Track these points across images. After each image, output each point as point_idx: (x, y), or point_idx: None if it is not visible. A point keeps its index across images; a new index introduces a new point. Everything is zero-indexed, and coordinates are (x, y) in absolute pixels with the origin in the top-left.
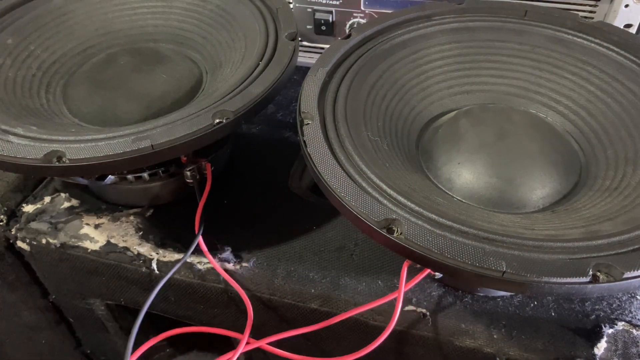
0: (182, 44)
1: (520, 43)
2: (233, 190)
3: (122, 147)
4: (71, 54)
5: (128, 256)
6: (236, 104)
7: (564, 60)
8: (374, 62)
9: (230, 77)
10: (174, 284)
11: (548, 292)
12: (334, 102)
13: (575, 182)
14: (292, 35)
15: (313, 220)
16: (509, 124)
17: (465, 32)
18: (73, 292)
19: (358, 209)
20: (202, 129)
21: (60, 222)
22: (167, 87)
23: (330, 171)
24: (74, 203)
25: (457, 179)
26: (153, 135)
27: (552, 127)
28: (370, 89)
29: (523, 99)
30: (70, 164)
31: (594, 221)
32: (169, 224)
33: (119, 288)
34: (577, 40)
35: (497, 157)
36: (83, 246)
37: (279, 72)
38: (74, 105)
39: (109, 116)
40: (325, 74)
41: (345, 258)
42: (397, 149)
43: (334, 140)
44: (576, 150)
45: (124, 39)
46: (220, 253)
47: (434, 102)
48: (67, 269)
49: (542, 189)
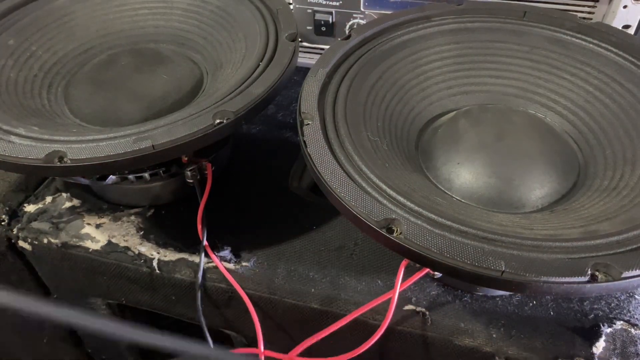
0: (182, 45)
1: (519, 44)
2: (233, 190)
3: (123, 147)
4: (72, 55)
5: (129, 256)
6: (237, 104)
7: (562, 61)
8: (374, 62)
9: (230, 77)
10: (175, 284)
11: (547, 291)
12: (334, 102)
13: (573, 182)
14: (292, 36)
15: (313, 220)
16: (508, 124)
17: (464, 32)
18: (74, 292)
19: (358, 209)
20: (202, 129)
21: (62, 222)
22: (167, 88)
23: (330, 171)
24: (76, 203)
25: (457, 179)
26: (154, 136)
27: (551, 127)
28: (370, 89)
29: (522, 100)
30: (71, 164)
31: (593, 221)
32: (170, 224)
33: (120, 287)
34: (575, 41)
35: (496, 157)
36: (84, 246)
37: (279, 73)
38: (75, 105)
39: (110, 116)
40: (325, 74)
41: (345, 258)
42: (397, 149)
43: (334, 140)
44: (575, 151)
45: (125, 40)
46: (220, 252)
47: (434, 102)
48: (68, 269)
49: (541, 189)
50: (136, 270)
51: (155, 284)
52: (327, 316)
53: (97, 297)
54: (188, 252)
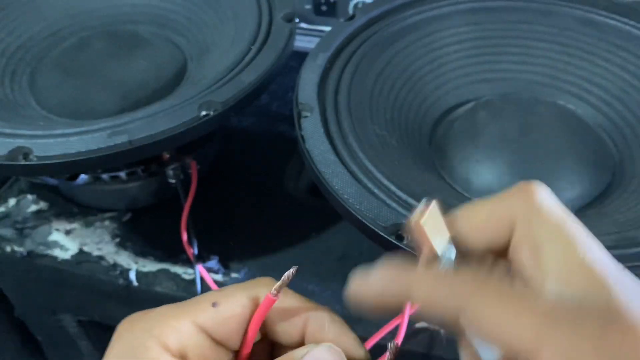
0: (163, 26)
1: (547, 25)
2: (221, 192)
3: (97, 142)
4: (39, 38)
5: (103, 266)
6: (225, 94)
7: (596, 45)
8: (382, 46)
9: (218, 63)
10: (156, 298)
11: None
12: (336, 92)
13: (607, 183)
14: (289, 16)
15: (312, 226)
16: (534, 117)
17: (484, 12)
18: (41, 307)
19: (363, 213)
20: (186, 122)
21: (27, 228)
22: (146, 75)
23: (332, 170)
24: (42, 206)
25: (475, 179)
26: (131, 130)
27: (583, 120)
28: (377, 77)
29: (549, 89)
30: (37, 161)
31: (630, 227)
32: (150, 230)
33: (93, 302)
34: (610, 22)
35: (520, 155)
36: (52, 255)
37: (274, 58)
38: (43, 95)
39: (81, 108)
40: (326, 60)
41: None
42: (407, 145)
43: (336, 135)
44: (609, 147)
45: (98, 21)
46: (207, 263)
47: (449, 92)
48: (34, 281)
49: (570, 191)
50: (111, 283)
51: (133, 298)
52: None
53: (67, 313)
54: (170, 262)
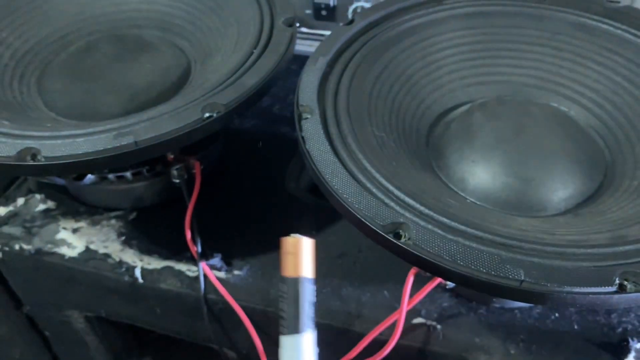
0: (168, 30)
1: (540, 29)
2: (224, 191)
3: (103, 143)
4: (47, 42)
5: (109, 264)
6: (228, 96)
7: (587, 49)
8: (380, 50)
9: (221, 66)
10: (160, 295)
11: (570, 302)
12: (336, 94)
13: (600, 183)
14: (290, 20)
15: (312, 225)
16: (528, 119)
17: (480, 17)
18: (49, 303)
19: (362, 212)
20: (190, 123)
21: (35, 226)
22: (151, 78)
23: (331, 170)
24: (50, 205)
25: (471, 178)
26: (136, 131)
27: (575, 121)
28: (375, 80)
29: (543, 91)
30: (45, 162)
31: (621, 225)
32: (154, 229)
33: (99, 299)
34: (602, 26)
35: (515, 155)
36: (60, 253)
37: (275, 61)
38: (50, 98)
39: (88, 110)
40: (325, 63)
41: (347, 266)
42: (405, 146)
43: (336, 136)
44: (601, 147)
45: (104, 25)
46: (210, 260)
47: (446, 94)
48: (42, 278)
49: (564, 190)
50: (117, 280)
51: (138, 295)
52: (327, 329)
53: (74, 309)
54: (174, 259)
